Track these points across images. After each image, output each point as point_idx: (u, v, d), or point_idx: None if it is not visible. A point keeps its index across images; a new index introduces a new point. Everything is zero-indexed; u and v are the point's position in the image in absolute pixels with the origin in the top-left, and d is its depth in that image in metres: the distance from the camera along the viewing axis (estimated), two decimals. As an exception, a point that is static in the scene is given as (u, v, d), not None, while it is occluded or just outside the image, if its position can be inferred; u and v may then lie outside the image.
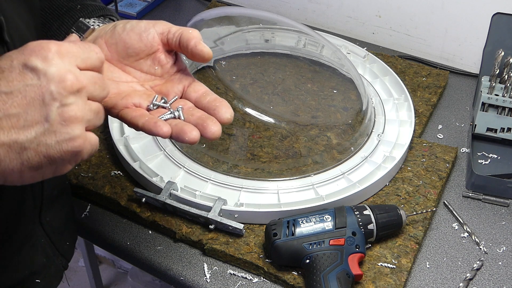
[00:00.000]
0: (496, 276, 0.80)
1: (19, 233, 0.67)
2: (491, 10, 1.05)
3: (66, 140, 0.45)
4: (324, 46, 1.04)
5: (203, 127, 0.55)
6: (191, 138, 0.54)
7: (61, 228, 0.76)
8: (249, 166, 0.88)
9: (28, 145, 0.45)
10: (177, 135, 0.55)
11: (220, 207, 0.81)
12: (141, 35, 0.60)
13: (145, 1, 1.36)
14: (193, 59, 0.59)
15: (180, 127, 0.55)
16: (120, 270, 1.89)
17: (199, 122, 0.56)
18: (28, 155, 0.45)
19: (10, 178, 0.47)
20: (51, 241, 0.73)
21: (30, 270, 0.70)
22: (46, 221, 0.71)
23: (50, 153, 0.45)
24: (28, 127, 0.45)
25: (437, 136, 1.02)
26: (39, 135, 0.45)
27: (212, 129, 0.55)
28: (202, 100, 0.59)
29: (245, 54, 1.04)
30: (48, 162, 0.46)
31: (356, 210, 0.79)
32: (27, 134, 0.45)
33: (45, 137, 0.45)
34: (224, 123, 0.57)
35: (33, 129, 0.45)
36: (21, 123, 0.45)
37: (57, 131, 0.45)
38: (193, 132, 0.54)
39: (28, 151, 0.45)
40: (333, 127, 0.93)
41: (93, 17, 0.68)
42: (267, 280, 0.79)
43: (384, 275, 0.77)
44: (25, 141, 0.45)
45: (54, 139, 0.45)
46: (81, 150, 0.47)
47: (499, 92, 0.97)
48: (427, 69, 1.13)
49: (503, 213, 0.89)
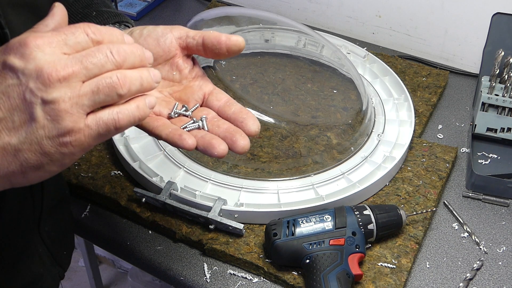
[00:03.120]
0: (496, 276, 0.80)
1: (17, 243, 0.67)
2: (491, 10, 1.05)
3: (57, 135, 0.44)
4: (324, 46, 1.04)
5: (232, 142, 0.53)
6: (220, 152, 0.52)
7: (59, 238, 0.76)
8: (249, 166, 0.88)
9: (21, 146, 0.44)
10: (204, 148, 0.53)
11: (220, 207, 0.81)
12: (158, 40, 0.59)
13: (145, 1, 1.36)
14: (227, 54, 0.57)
15: (208, 140, 0.53)
16: (120, 270, 1.89)
17: (227, 135, 0.54)
18: (25, 155, 0.44)
19: (14, 180, 0.46)
20: (48, 250, 0.72)
21: (27, 280, 0.70)
22: (45, 230, 0.70)
23: (45, 150, 0.44)
24: (17, 128, 0.44)
25: (437, 136, 1.02)
26: (29, 134, 0.43)
27: (241, 144, 0.53)
28: (226, 110, 0.58)
29: (245, 54, 1.04)
30: (48, 159, 0.45)
31: (356, 210, 0.79)
32: (18, 135, 0.44)
33: (35, 135, 0.43)
34: (252, 136, 0.55)
35: (22, 129, 0.44)
36: (10, 125, 0.44)
37: (45, 127, 0.43)
38: (221, 146, 0.53)
39: (23, 152, 0.44)
40: (333, 127, 0.93)
41: (109, 23, 0.68)
42: (267, 280, 0.79)
43: (384, 275, 0.77)
44: (17, 143, 0.44)
45: (44, 136, 0.43)
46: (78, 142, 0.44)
47: (499, 92, 0.97)
48: (427, 69, 1.13)
49: (503, 213, 0.89)
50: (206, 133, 0.55)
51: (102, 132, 0.45)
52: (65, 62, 0.43)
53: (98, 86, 0.44)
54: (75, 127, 0.44)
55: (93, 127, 0.45)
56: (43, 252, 0.71)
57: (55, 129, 0.43)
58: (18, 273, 0.68)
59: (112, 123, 0.45)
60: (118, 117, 0.45)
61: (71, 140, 0.44)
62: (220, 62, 0.97)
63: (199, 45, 0.59)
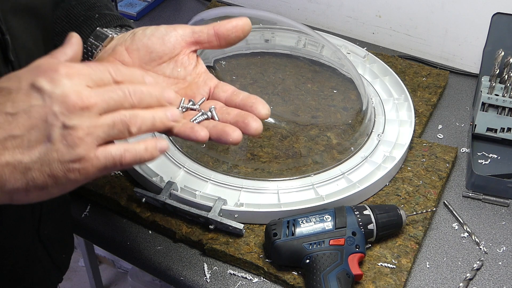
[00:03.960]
0: (496, 276, 0.80)
1: (17, 246, 0.66)
2: (491, 10, 1.05)
3: (69, 160, 0.45)
4: (324, 46, 1.04)
5: (244, 125, 0.54)
6: (235, 138, 0.53)
7: (58, 241, 0.76)
8: (249, 166, 0.88)
9: (32, 165, 0.45)
10: (218, 137, 0.53)
11: (220, 207, 0.81)
12: (163, 38, 0.60)
13: (145, 1, 1.36)
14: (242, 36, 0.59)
15: (221, 128, 0.53)
16: (120, 270, 1.89)
17: (238, 120, 0.55)
18: (33, 175, 0.45)
19: (16, 197, 0.47)
20: (48, 254, 0.72)
21: (26, 283, 0.70)
22: (44, 234, 0.70)
23: (54, 173, 0.45)
24: (32, 148, 0.45)
25: (437, 136, 1.02)
26: (43, 155, 0.45)
27: (254, 126, 0.54)
28: (234, 99, 0.58)
29: (245, 54, 1.04)
30: (53, 181, 0.46)
31: (356, 210, 0.79)
32: (31, 154, 0.45)
33: (48, 157, 0.45)
34: (263, 118, 0.55)
35: (37, 149, 0.45)
36: (25, 143, 0.45)
37: (59, 150, 0.45)
38: (235, 132, 0.53)
39: (33, 171, 0.45)
40: (333, 127, 0.93)
41: (111, 26, 0.68)
42: (267, 280, 0.79)
43: (384, 275, 0.77)
44: (29, 161, 0.45)
45: (56, 159, 0.45)
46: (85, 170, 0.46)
47: (499, 92, 0.97)
48: (427, 69, 1.13)
49: (503, 213, 0.89)
50: (217, 123, 0.55)
51: (108, 165, 0.47)
52: (89, 93, 0.45)
53: (114, 121, 0.47)
54: (86, 156, 0.45)
55: (101, 159, 0.46)
56: (42, 256, 0.71)
57: (68, 154, 0.45)
58: (17, 276, 0.68)
59: (118, 159, 0.47)
60: (125, 155, 0.47)
61: (80, 167, 0.46)
62: (220, 62, 0.97)
63: (211, 37, 0.60)
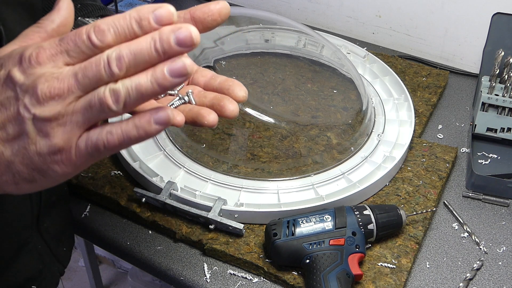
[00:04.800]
0: (496, 276, 0.80)
1: (16, 239, 0.67)
2: (491, 10, 1.05)
3: (48, 152, 0.42)
4: (324, 46, 1.04)
5: (220, 107, 0.52)
6: (210, 121, 0.51)
7: (58, 234, 0.76)
8: (249, 166, 0.88)
9: (14, 158, 0.43)
10: (194, 120, 0.52)
11: (220, 207, 0.81)
12: None
13: (145, 1, 1.36)
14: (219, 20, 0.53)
15: (196, 111, 0.52)
16: (120, 270, 1.89)
17: (214, 102, 0.53)
18: (17, 168, 0.44)
19: (7, 188, 0.46)
20: (48, 247, 0.73)
21: (26, 276, 0.70)
22: (44, 227, 0.71)
23: (37, 166, 0.43)
24: (11, 140, 0.43)
25: (437, 136, 1.02)
26: (21, 148, 0.43)
27: (230, 108, 0.52)
28: (212, 82, 0.57)
29: (245, 54, 1.04)
30: (39, 174, 0.44)
31: (356, 210, 0.79)
32: (11, 147, 0.43)
33: (27, 150, 0.43)
34: (240, 101, 0.54)
35: (16, 142, 0.43)
36: (5, 136, 0.43)
37: (36, 143, 0.42)
38: (211, 115, 0.51)
39: (16, 164, 0.43)
40: (333, 127, 0.93)
41: (93, 16, 0.68)
42: (267, 280, 0.79)
43: (384, 275, 0.77)
44: (10, 154, 0.43)
45: (36, 152, 0.43)
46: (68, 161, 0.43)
47: (499, 92, 0.97)
48: (427, 69, 1.13)
49: (503, 213, 0.89)
50: (193, 106, 0.53)
51: (92, 152, 0.43)
52: (62, 77, 0.41)
53: (90, 103, 0.41)
54: (65, 146, 0.42)
55: (82, 147, 0.43)
56: (42, 249, 0.71)
57: (46, 146, 0.42)
58: (17, 269, 0.68)
59: (101, 143, 0.42)
60: (107, 138, 0.42)
61: (62, 158, 0.43)
62: (220, 62, 0.97)
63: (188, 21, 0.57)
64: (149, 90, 0.41)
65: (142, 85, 0.40)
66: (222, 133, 0.91)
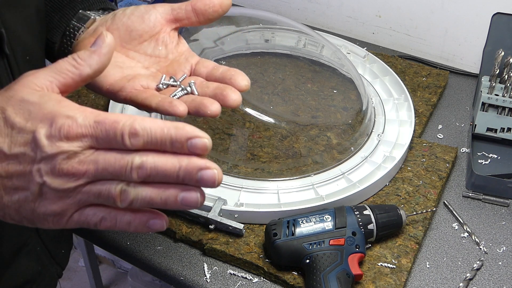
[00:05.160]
0: (496, 276, 0.80)
1: (15, 241, 0.67)
2: (491, 10, 1.05)
3: (43, 213, 0.45)
4: (324, 46, 1.04)
5: (223, 97, 0.53)
6: (213, 111, 0.52)
7: (57, 236, 0.76)
8: (249, 166, 0.88)
9: (10, 205, 0.45)
10: (196, 110, 0.52)
11: (220, 207, 0.81)
12: (143, 17, 0.59)
13: (145, 1, 1.36)
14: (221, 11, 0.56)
15: (199, 101, 0.52)
16: (120, 270, 1.89)
17: (217, 92, 0.53)
18: (10, 212, 0.45)
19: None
20: (47, 249, 0.73)
21: (24, 278, 0.70)
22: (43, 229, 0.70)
23: (28, 217, 0.45)
24: (13, 192, 0.45)
25: (437, 136, 1.02)
26: (21, 201, 0.45)
27: (233, 97, 0.53)
28: (214, 73, 0.57)
29: (245, 54, 1.04)
30: (27, 222, 0.46)
31: (356, 210, 0.79)
32: (11, 197, 0.45)
33: (25, 204, 0.45)
34: (242, 90, 0.54)
35: (17, 194, 0.45)
36: (9, 185, 0.44)
37: (36, 203, 0.44)
38: (214, 105, 0.52)
39: (9, 209, 0.45)
40: (333, 127, 0.93)
41: (94, 9, 0.68)
42: (267, 280, 0.79)
43: (384, 275, 0.77)
44: (8, 201, 0.45)
45: (32, 209, 0.45)
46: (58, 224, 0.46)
47: (499, 92, 0.97)
48: (427, 69, 1.13)
49: (503, 213, 0.89)
50: (195, 97, 0.54)
51: (82, 225, 0.46)
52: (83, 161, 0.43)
53: (99, 192, 0.43)
54: (62, 213, 0.45)
55: (75, 220, 0.45)
56: (41, 251, 0.71)
57: (44, 207, 0.44)
58: (15, 271, 0.68)
59: (93, 224, 0.46)
60: (100, 222, 0.45)
61: (53, 220, 0.45)
62: (220, 62, 0.97)
63: (189, 12, 0.58)
64: (156, 204, 0.44)
65: (152, 199, 0.43)
66: (222, 133, 0.91)
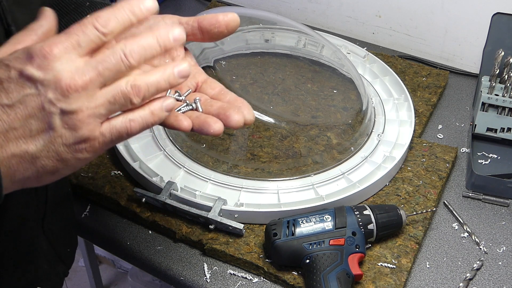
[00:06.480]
0: (496, 276, 0.80)
1: (22, 240, 0.67)
2: (491, 10, 1.05)
3: (74, 143, 0.45)
4: (324, 46, 1.04)
5: (226, 117, 0.53)
6: (216, 130, 0.53)
7: (62, 235, 0.76)
8: (249, 166, 0.88)
9: (39, 153, 0.45)
10: (200, 128, 0.53)
11: (220, 207, 0.81)
12: (151, 28, 0.59)
13: None
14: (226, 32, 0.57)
15: (203, 119, 0.53)
16: (120, 270, 1.89)
17: (220, 112, 0.54)
18: (42, 162, 0.45)
19: (28, 183, 0.47)
20: (52, 248, 0.73)
21: (31, 277, 0.70)
22: (49, 227, 0.71)
23: (62, 156, 0.45)
24: (35, 137, 0.44)
25: (437, 136, 1.02)
26: (47, 142, 0.44)
27: (236, 118, 0.53)
28: (221, 98, 0.58)
29: (245, 54, 1.04)
30: (63, 164, 0.46)
31: (356, 210, 0.79)
32: (36, 143, 0.44)
33: (53, 143, 0.44)
34: (247, 124, 0.55)
35: (40, 137, 0.44)
36: (27, 133, 0.44)
37: (63, 136, 0.44)
38: (217, 124, 0.53)
39: (41, 159, 0.45)
40: (333, 127, 0.93)
41: None
42: (267, 280, 0.79)
43: (384, 275, 0.77)
44: (35, 150, 0.45)
45: (62, 143, 0.45)
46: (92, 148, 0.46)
47: (499, 92, 0.97)
48: (427, 69, 1.13)
49: (503, 213, 0.89)
50: (200, 114, 0.55)
51: (115, 138, 0.47)
52: (82, 70, 0.44)
53: (114, 96, 0.45)
54: (91, 135, 0.45)
55: (107, 134, 0.46)
56: (47, 250, 0.72)
57: (72, 137, 0.44)
58: (22, 270, 0.68)
59: (125, 131, 0.47)
60: (130, 125, 0.47)
61: (86, 147, 0.45)
62: (220, 62, 0.97)
63: (195, 29, 0.58)
64: (163, 87, 0.47)
65: (158, 82, 0.46)
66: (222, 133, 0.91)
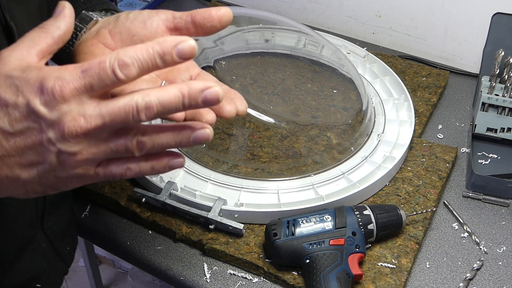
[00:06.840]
0: (496, 276, 0.80)
1: (20, 238, 0.67)
2: (491, 10, 1.05)
3: (66, 176, 0.46)
4: (324, 46, 1.04)
5: (218, 107, 0.53)
6: (209, 120, 0.53)
7: (62, 233, 0.76)
8: (249, 166, 0.88)
9: (31, 180, 0.46)
10: (192, 118, 0.53)
11: (220, 207, 0.81)
12: (145, 22, 0.59)
13: (145, 1, 1.36)
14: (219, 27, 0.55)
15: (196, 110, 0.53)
16: (120, 270, 1.89)
17: None
18: (33, 187, 0.46)
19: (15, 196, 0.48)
20: (52, 246, 0.73)
21: (30, 275, 0.70)
22: (48, 226, 0.71)
23: (53, 185, 0.46)
24: (30, 166, 0.45)
25: (437, 136, 1.02)
26: (41, 173, 0.45)
27: (228, 108, 0.54)
28: None
29: (245, 54, 1.04)
30: (53, 190, 0.47)
31: (356, 210, 0.79)
32: (30, 172, 0.45)
33: (46, 175, 0.45)
34: (240, 114, 0.55)
35: (35, 168, 0.45)
36: (23, 162, 0.45)
37: (57, 171, 0.45)
38: (209, 114, 0.53)
39: (32, 185, 0.46)
40: (333, 127, 0.93)
41: (96, 10, 0.68)
42: (267, 280, 0.79)
43: (384, 275, 0.77)
44: (28, 178, 0.45)
45: (54, 175, 0.45)
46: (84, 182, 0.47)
47: (499, 92, 0.97)
48: (427, 69, 1.13)
49: (503, 213, 0.89)
50: None
51: (108, 178, 0.47)
52: (89, 116, 0.42)
53: (117, 148, 0.45)
54: (85, 174, 0.46)
55: (101, 174, 0.46)
56: (46, 248, 0.72)
57: (66, 173, 0.45)
58: (21, 268, 0.68)
59: (119, 175, 0.47)
60: (126, 173, 0.47)
61: (78, 180, 0.46)
62: (220, 62, 0.97)
63: (188, 24, 0.58)
64: (171, 147, 0.46)
65: (168, 143, 0.46)
66: (222, 133, 0.91)
